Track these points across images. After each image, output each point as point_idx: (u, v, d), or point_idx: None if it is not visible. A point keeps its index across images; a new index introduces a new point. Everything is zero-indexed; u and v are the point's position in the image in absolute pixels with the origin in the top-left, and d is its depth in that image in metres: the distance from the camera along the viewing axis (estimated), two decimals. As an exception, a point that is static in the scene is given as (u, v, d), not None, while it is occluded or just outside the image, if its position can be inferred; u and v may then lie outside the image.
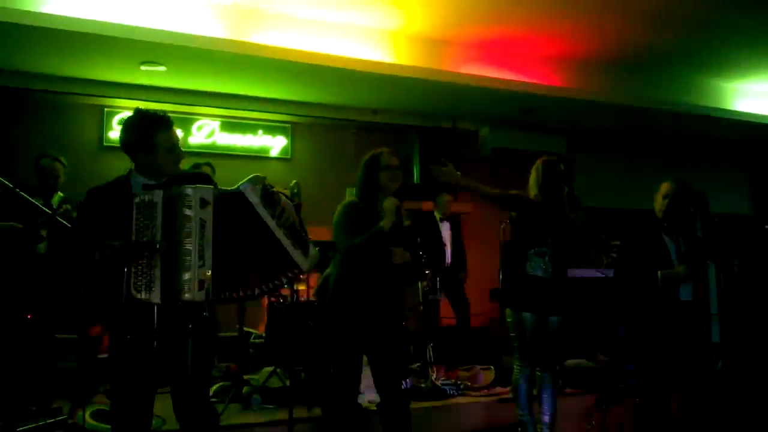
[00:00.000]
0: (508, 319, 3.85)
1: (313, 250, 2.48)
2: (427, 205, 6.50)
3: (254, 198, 2.38)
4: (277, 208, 2.42)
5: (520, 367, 3.81)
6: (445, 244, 6.09)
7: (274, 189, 2.47)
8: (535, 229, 3.81)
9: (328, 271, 3.38)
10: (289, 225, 2.43)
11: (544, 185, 3.82)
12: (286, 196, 2.54)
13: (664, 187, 3.93)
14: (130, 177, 2.55)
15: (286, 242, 2.40)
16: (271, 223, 2.39)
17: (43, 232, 4.42)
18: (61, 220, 4.28)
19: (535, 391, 3.88)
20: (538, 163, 3.90)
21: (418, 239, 4.54)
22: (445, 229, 6.15)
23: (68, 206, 4.31)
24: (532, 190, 3.88)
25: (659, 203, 3.93)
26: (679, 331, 3.87)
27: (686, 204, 3.94)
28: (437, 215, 6.18)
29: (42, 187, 4.53)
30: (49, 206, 4.41)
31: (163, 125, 2.51)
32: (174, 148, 2.54)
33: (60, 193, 4.64)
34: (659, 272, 3.82)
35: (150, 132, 2.48)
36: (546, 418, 3.84)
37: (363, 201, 3.30)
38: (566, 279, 3.88)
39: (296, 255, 2.42)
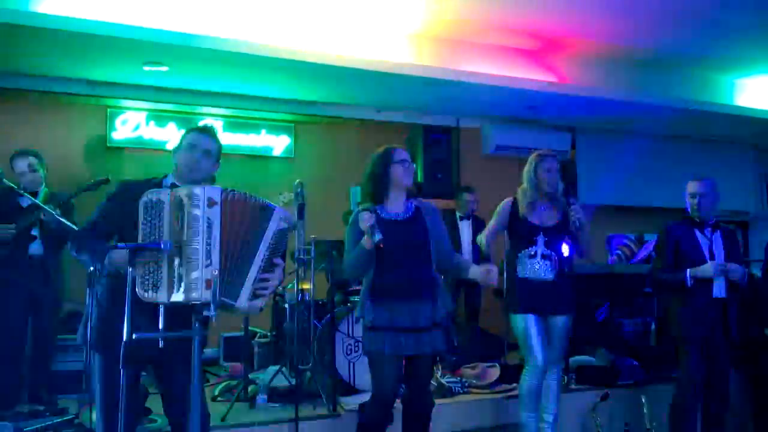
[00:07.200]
0: (511, 321, 3.84)
1: (259, 305, 2.43)
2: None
3: (274, 224, 2.40)
4: (277, 249, 2.43)
5: (528, 368, 3.73)
6: (461, 244, 6.05)
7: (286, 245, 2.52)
8: (521, 230, 3.80)
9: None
10: (269, 267, 2.41)
11: (535, 180, 3.81)
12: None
13: (692, 185, 4.04)
14: (163, 180, 2.66)
15: (254, 272, 2.36)
16: (263, 253, 2.38)
17: (35, 233, 4.31)
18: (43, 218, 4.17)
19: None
20: (532, 157, 3.89)
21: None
22: (465, 228, 6.10)
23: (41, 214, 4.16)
24: (523, 183, 3.87)
25: (689, 200, 4.03)
26: (713, 329, 3.92)
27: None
28: (458, 214, 6.15)
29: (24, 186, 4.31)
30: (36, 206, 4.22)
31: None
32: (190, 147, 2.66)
33: (45, 189, 4.49)
34: (688, 271, 3.88)
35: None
36: (549, 417, 3.83)
37: (373, 199, 3.22)
38: (567, 277, 3.81)
39: (246, 290, 2.35)
